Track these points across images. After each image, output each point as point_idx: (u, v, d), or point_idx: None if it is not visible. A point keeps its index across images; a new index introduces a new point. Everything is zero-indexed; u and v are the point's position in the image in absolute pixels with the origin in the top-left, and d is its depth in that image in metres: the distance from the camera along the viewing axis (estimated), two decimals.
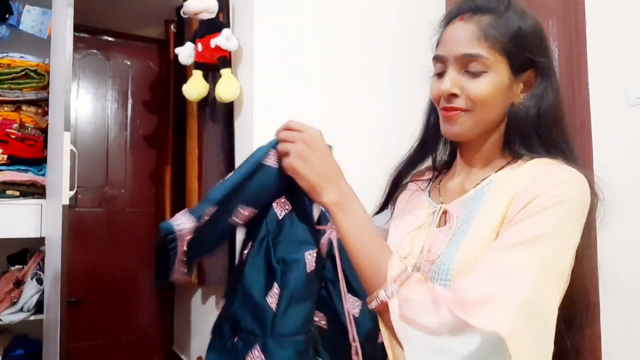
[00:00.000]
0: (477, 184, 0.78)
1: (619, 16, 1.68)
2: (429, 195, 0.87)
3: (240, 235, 0.74)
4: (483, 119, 0.76)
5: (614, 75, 1.68)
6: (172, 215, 0.68)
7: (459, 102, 0.76)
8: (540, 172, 0.71)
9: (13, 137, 2.05)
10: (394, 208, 0.94)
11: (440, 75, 0.79)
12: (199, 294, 2.60)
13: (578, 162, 0.76)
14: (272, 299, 0.65)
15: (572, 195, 0.67)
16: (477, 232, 0.71)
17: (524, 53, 0.76)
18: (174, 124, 2.65)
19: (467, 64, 0.75)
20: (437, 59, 0.79)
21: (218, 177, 2.18)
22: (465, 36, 0.75)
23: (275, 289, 0.66)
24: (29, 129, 2.11)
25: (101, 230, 2.85)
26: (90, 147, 2.84)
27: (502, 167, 0.78)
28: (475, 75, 0.74)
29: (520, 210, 0.66)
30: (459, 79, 0.75)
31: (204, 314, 2.52)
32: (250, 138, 2.04)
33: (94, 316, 2.77)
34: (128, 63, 3.00)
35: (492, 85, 0.74)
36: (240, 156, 2.16)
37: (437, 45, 0.81)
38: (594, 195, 0.71)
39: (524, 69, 0.77)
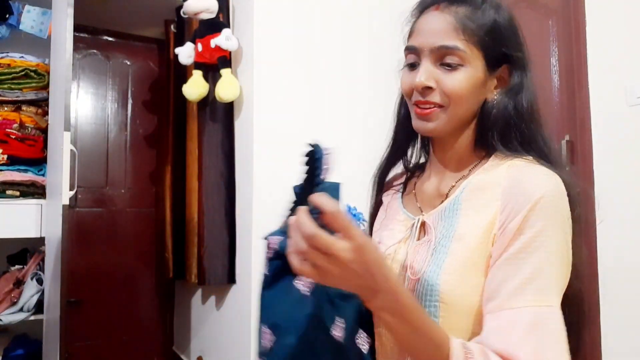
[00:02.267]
0: (453, 187, 0.76)
1: (619, 16, 1.68)
2: (404, 203, 0.84)
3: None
4: (457, 115, 0.73)
5: (614, 75, 1.68)
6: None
7: (434, 97, 0.72)
8: (515, 180, 0.68)
9: (13, 137, 2.05)
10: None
11: (412, 67, 0.75)
12: (199, 293, 2.60)
13: (556, 157, 0.74)
14: (337, 332, 0.66)
15: (554, 210, 0.65)
16: (459, 249, 0.69)
17: (500, 47, 0.73)
18: (174, 124, 2.65)
19: (443, 57, 0.71)
20: (410, 50, 0.75)
21: (218, 177, 2.18)
22: (442, 27, 0.71)
23: (339, 321, 0.67)
24: (29, 129, 2.11)
25: (101, 230, 2.85)
26: (90, 147, 2.84)
27: (474, 167, 0.76)
28: (452, 68, 0.71)
29: (510, 241, 0.65)
30: (434, 72, 0.72)
31: (204, 314, 2.52)
32: (250, 138, 2.04)
33: (94, 316, 2.77)
34: (128, 63, 3.00)
35: (468, 79, 0.71)
36: (240, 156, 2.16)
37: (410, 35, 0.76)
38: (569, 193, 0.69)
39: (499, 65, 0.74)
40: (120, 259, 2.88)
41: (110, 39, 2.95)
